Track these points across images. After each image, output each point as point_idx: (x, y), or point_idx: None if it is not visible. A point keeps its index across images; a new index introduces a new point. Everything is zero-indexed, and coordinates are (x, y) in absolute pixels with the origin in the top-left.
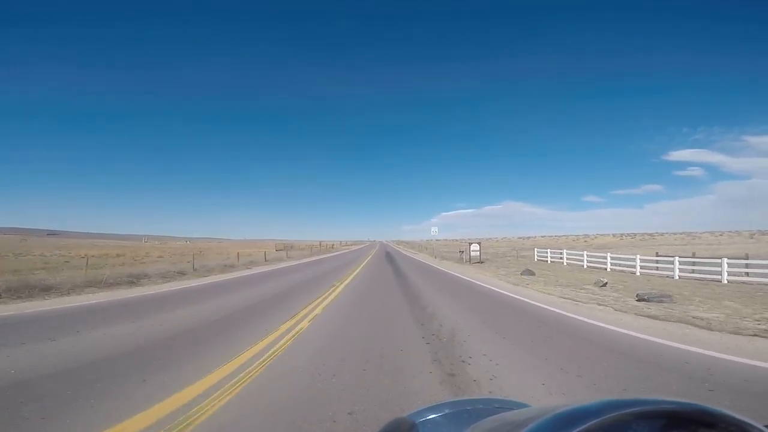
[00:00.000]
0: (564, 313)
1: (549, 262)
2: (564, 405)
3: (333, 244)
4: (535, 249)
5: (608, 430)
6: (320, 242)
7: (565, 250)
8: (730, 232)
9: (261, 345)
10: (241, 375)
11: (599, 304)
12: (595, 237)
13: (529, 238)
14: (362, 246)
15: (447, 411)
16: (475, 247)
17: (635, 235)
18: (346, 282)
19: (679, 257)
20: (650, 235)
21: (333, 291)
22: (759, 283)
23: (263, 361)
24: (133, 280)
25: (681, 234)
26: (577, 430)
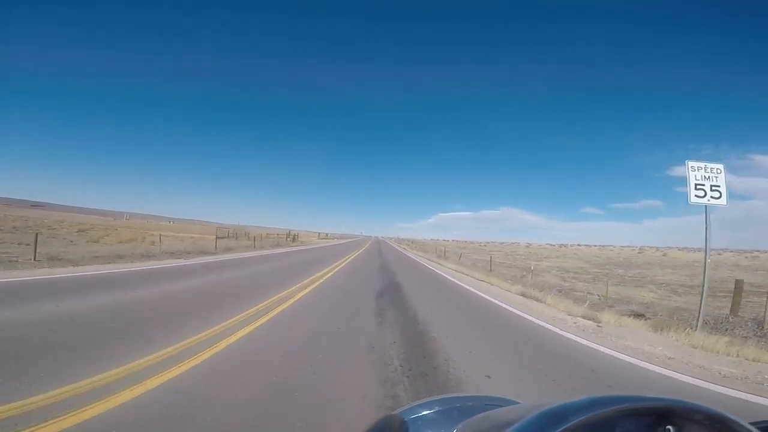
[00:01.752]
0: None
1: None
2: (553, 402)
3: (295, 235)
4: None
5: (595, 426)
6: (289, 232)
7: None
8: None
9: None
10: None
11: None
12: (664, 252)
13: (555, 246)
14: (347, 242)
15: (437, 408)
16: None
17: (720, 250)
18: None
19: None
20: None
21: None
22: None
23: None
24: None
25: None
26: (565, 426)
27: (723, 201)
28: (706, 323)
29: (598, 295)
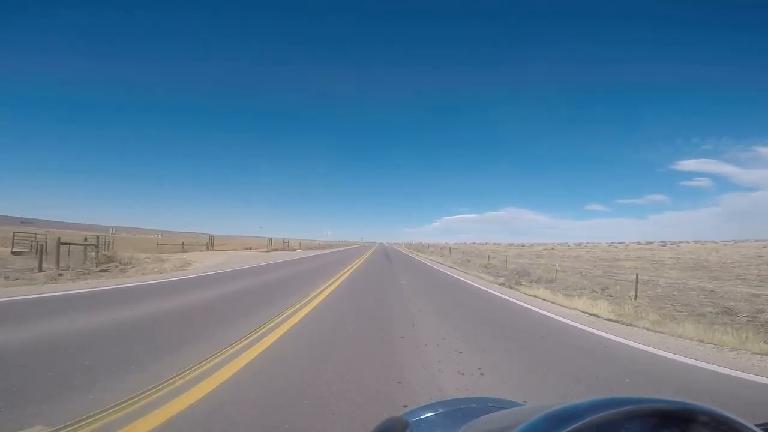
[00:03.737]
0: None
1: None
2: (557, 404)
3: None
4: None
5: (600, 428)
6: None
7: None
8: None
9: None
10: None
11: None
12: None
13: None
14: (311, 256)
15: (441, 410)
16: None
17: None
18: None
19: None
20: None
21: None
22: None
23: None
24: None
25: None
26: (570, 428)
27: None
28: None
29: None
